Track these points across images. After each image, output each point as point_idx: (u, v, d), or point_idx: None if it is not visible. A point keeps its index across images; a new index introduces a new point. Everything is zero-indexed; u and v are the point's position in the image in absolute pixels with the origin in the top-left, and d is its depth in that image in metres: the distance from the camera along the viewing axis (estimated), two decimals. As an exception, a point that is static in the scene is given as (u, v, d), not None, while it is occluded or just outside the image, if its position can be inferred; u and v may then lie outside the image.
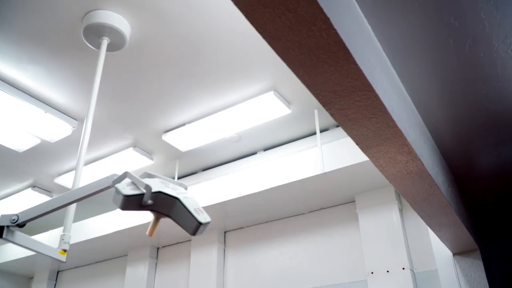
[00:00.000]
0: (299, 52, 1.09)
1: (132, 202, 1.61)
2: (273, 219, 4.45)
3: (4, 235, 1.80)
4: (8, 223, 1.81)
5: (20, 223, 1.82)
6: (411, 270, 3.41)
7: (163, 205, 1.66)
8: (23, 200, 5.13)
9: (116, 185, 1.62)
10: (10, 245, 5.70)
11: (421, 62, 1.83)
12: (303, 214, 4.30)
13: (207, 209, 4.14)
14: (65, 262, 2.21)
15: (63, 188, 4.90)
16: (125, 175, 1.69)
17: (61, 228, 5.20)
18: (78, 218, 5.20)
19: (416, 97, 1.99)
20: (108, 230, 4.78)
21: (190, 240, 4.85)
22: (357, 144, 1.52)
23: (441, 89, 1.96)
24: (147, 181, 1.66)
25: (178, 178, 4.57)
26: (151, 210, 1.68)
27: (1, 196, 5.23)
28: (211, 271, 4.47)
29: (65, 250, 2.20)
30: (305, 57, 1.10)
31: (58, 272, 6.30)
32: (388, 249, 3.55)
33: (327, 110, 1.33)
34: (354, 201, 3.95)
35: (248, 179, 3.94)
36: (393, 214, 3.65)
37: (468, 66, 1.86)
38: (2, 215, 1.82)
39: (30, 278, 6.49)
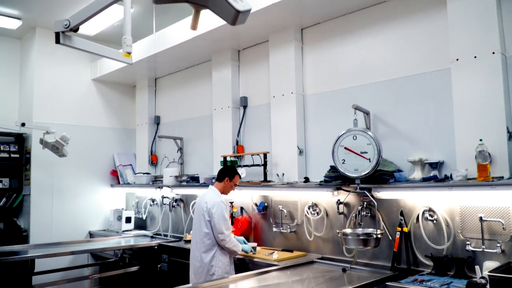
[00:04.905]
0: None
1: (165, -5, 1.54)
2: (351, 11, 4.11)
3: (61, 41, 1.89)
4: (62, 29, 1.87)
5: (73, 28, 1.87)
6: (502, 54, 3.07)
7: (198, -5, 1.56)
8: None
9: (146, -22, 1.53)
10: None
11: None
12: (384, 2, 3.89)
13: (279, 4, 3.91)
14: (132, 63, 2.32)
15: None
16: (156, -34, 1.57)
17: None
18: (159, 27, 5.32)
19: None
20: (188, 36, 4.88)
21: (268, 40, 4.79)
22: None
23: None
24: (178, -30, 1.54)
25: (247, -25, 4.28)
26: (188, 2, 1.59)
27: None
28: (289, 69, 4.49)
29: (129, 53, 2.29)
30: None
31: (155, 79, 6.85)
32: (477, 33, 3.16)
33: None
34: (443, -19, 3.42)
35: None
36: None
37: None
38: (55, 22, 1.88)
39: (133, 86, 7.19)
